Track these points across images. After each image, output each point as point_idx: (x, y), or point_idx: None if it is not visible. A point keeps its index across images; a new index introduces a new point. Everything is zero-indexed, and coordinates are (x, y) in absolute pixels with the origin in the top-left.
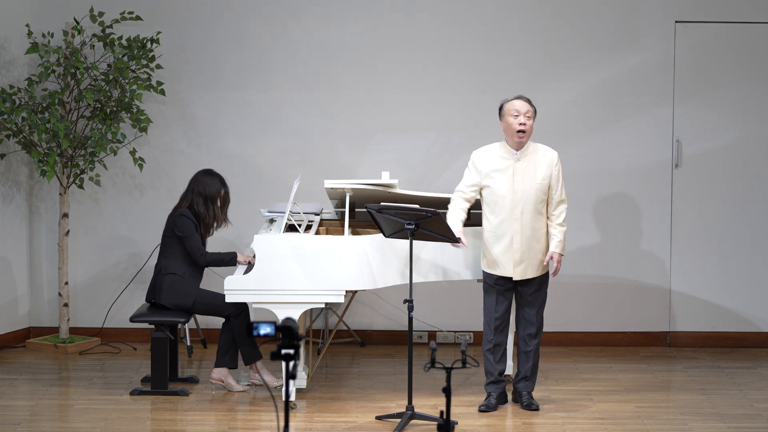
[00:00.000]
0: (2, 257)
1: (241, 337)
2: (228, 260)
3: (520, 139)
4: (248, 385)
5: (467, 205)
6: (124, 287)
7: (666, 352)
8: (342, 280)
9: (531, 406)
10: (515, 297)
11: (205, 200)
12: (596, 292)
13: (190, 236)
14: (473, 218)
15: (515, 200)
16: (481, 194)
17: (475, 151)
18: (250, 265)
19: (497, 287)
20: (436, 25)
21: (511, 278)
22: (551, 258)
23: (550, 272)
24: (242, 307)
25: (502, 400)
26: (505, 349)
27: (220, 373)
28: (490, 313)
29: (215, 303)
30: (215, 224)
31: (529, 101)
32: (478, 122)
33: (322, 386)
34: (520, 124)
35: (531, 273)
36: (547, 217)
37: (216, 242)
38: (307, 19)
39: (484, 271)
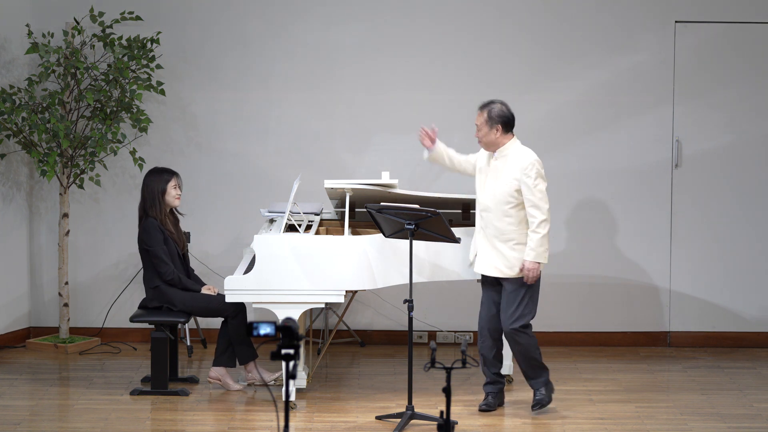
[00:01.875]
0: (2, 257)
1: (237, 336)
2: (189, 290)
3: (480, 145)
4: (246, 384)
5: (455, 162)
6: (124, 287)
7: (666, 352)
8: (342, 280)
9: (534, 406)
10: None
11: (154, 200)
12: (596, 292)
13: (152, 248)
14: (473, 218)
15: (483, 198)
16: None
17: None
18: (251, 265)
19: (481, 283)
20: (435, 25)
21: (491, 277)
22: (522, 266)
23: (524, 279)
24: (240, 308)
25: (500, 399)
26: (498, 350)
27: (218, 372)
28: (480, 312)
29: (212, 306)
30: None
31: (482, 108)
32: None
33: (322, 386)
34: (476, 135)
35: (494, 271)
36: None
37: (217, 241)
38: (307, 19)
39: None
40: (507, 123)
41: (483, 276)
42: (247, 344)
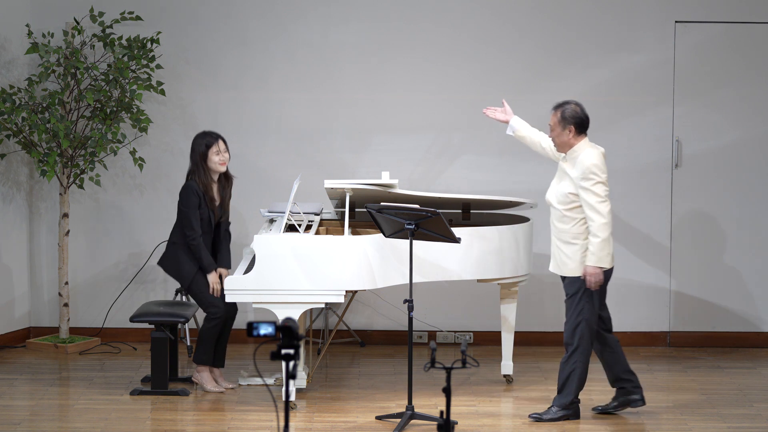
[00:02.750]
0: (2, 257)
1: (207, 337)
2: (203, 264)
3: (555, 147)
4: (226, 388)
5: (541, 144)
6: (124, 287)
7: (666, 352)
8: (342, 280)
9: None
10: None
11: (196, 164)
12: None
13: (183, 210)
14: (473, 218)
15: (549, 197)
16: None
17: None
18: (251, 265)
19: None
20: (436, 25)
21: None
22: (584, 272)
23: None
24: (225, 316)
25: (623, 402)
26: (606, 355)
27: (201, 371)
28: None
29: (203, 297)
30: (213, 180)
31: (556, 108)
32: (478, 122)
33: (322, 386)
34: (549, 136)
35: (558, 270)
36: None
37: None
38: (307, 19)
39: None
40: (580, 124)
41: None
42: (212, 350)
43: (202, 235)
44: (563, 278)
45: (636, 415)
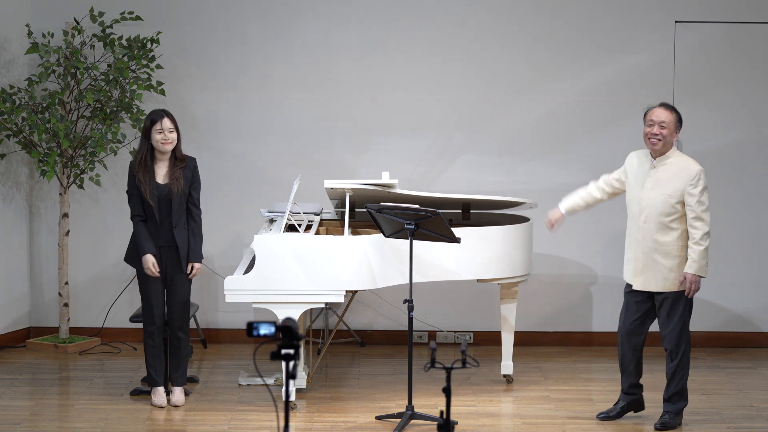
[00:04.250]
0: (2, 257)
1: (185, 355)
2: (141, 247)
3: (653, 146)
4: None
5: (597, 195)
6: (124, 287)
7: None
8: (342, 280)
9: (664, 426)
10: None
11: (140, 141)
12: (596, 292)
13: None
14: (473, 218)
15: (641, 208)
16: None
17: (632, 152)
18: (251, 265)
19: (627, 295)
20: (436, 25)
21: (643, 291)
22: (684, 278)
23: (685, 293)
24: (159, 326)
25: (635, 407)
26: (636, 363)
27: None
28: (620, 320)
29: (142, 300)
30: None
31: (671, 109)
32: (478, 122)
33: (322, 386)
34: (653, 134)
35: (655, 287)
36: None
37: (217, 241)
38: (307, 19)
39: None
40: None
41: (631, 286)
42: (161, 368)
43: (150, 218)
44: (656, 294)
45: (636, 415)
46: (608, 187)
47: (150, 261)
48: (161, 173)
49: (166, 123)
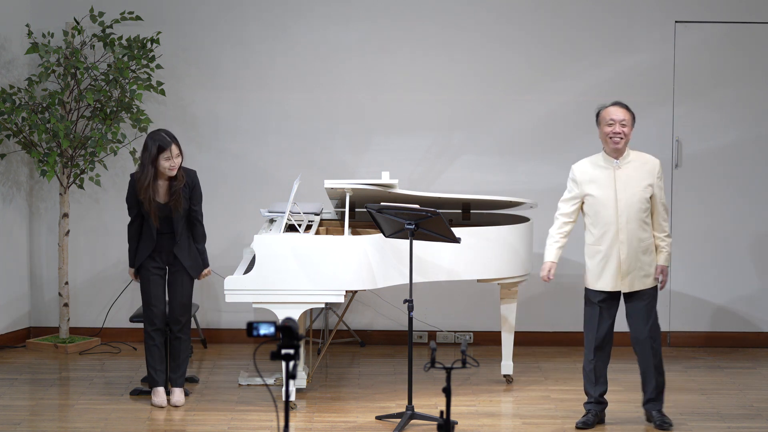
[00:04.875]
0: (2, 257)
1: (185, 355)
2: (130, 259)
3: (615, 145)
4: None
5: (568, 228)
6: (124, 287)
7: (666, 352)
8: (342, 280)
9: (663, 426)
10: (627, 311)
11: (144, 165)
12: None
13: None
14: (473, 218)
15: (619, 210)
16: (582, 207)
17: (575, 164)
18: (251, 265)
19: (601, 305)
20: (436, 25)
21: (617, 292)
22: (661, 272)
23: (659, 286)
24: (160, 327)
25: (600, 418)
26: (605, 372)
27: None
28: (592, 331)
29: (143, 299)
30: (152, 194)
31: (626, 107)
32: (478, 122)
33: (322, 386)
34: (614, 133)
35: (639, 285)
36: (654, 228)
37: (217, 241)
38: (308, 19)
39: (586, 288)
40: None
41: (604, 293)
42: (162, 368)
43: (152, 235)
44: (631, 293)
45: (636, 415)
46: (572, 213)
47: (132, 274)
48: (161, 192)
49: (174, 150)
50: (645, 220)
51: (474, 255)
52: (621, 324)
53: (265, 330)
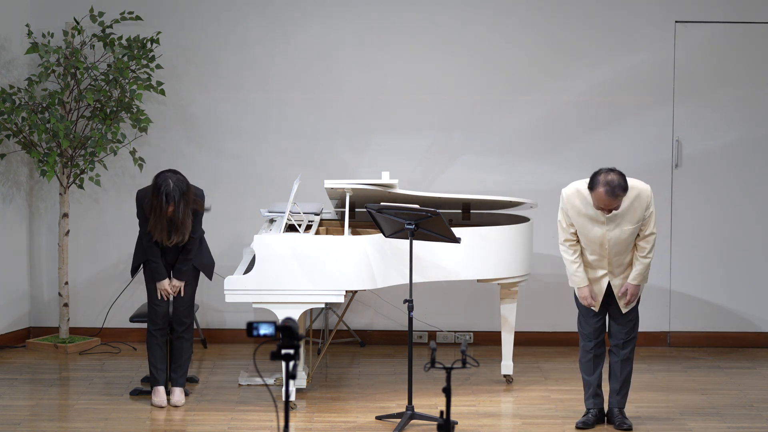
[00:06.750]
0: (2, 257)
1: (187, 356)
2: (155, 273)
3: (606, 214)
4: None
5: (579, 247)
6: (124, 287)
7: (666, 352)
8: (342, 280)
9: (623, 426)
10: (609, 312)
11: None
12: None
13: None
14: (473, 218)
15: (610, 245)
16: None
17: (565, 190)
18: (251, 265)
19: (592, 309)
20: (436, 25)
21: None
22: (626, 289)
23: (623, 301)
24: (162, 326)
25: (601, 417)
26: (602, 363)
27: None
28: (587, 326)
29: (155, 302)
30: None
31: (622, 190)
32: (478, 122)
33: (322, 386)
34: (605, 210)
35: (628, 307)
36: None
37: (217, 241)
38: (308, 18)
39: (575, 294)
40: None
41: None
42: (163, 367)
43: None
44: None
45: (636, 415)
46: (574, 235)
47: (165, 284)
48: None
49: (171, 209)
50: (630, 247)
51: (474, 255)
52: None
53: (265, 330)
